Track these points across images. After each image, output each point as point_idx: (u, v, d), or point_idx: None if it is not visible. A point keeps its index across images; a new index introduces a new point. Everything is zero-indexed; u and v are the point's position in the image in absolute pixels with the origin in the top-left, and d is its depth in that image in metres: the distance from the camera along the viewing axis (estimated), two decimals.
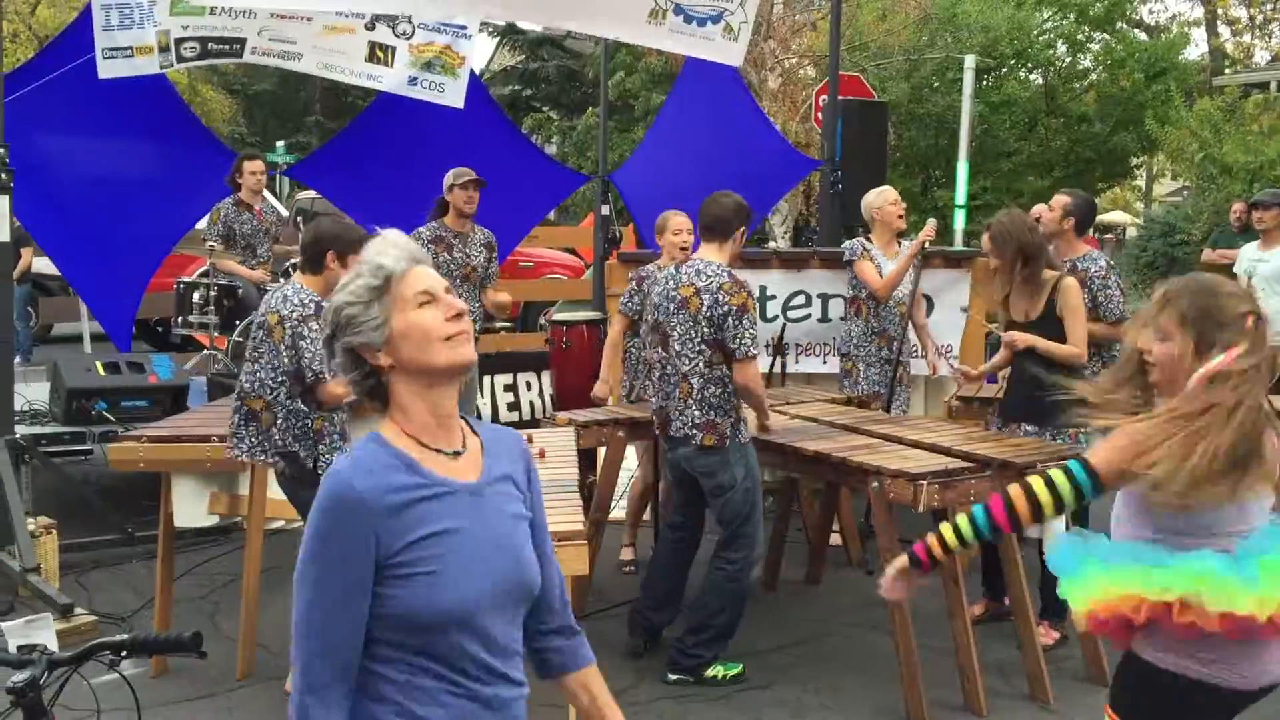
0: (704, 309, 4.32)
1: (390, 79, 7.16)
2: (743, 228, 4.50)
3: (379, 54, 7.23)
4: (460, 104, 7.23)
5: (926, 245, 5.85)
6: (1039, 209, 6.32)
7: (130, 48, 6.21)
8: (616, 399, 5.79)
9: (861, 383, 5.96)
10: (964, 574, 4.40)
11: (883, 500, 4.17)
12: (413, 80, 7.19)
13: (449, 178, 6.15)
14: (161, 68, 6.34)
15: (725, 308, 4.28)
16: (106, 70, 6.22)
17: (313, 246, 4.13)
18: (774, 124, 10.67)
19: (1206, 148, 11.95)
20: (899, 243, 6.04)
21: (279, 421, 4.07)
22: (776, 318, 6.73)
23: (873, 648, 4.87)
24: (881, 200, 6.01)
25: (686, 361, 4.39)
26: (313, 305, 4.01)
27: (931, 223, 5.95)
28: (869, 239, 6.02)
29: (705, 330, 4.34)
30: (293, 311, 4.01)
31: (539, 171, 8.69)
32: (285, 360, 4.02)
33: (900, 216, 6.00)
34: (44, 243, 7.23)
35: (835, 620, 5.26)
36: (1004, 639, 4.77)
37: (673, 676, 4.51)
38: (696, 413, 4.38)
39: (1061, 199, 5.49)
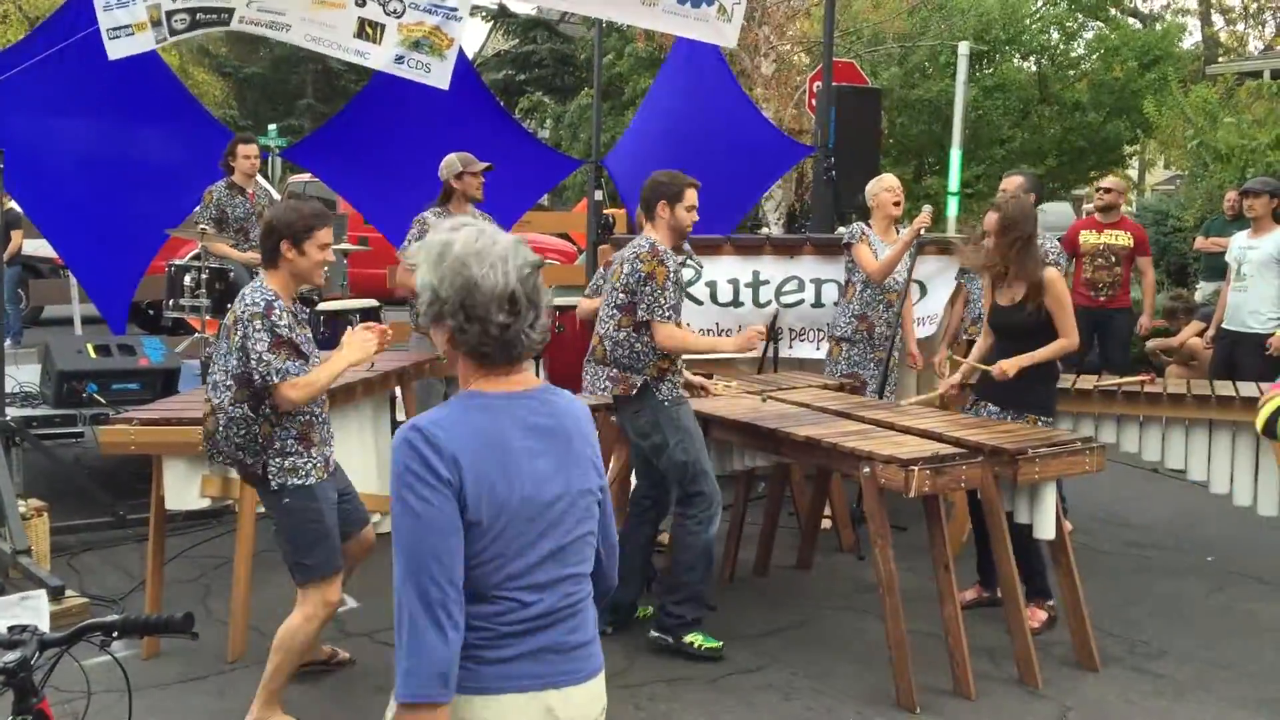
0: (623, 276, 4.58)
1: (377, 56, 7.11)
2: (662, 201, 4.62)
3: (368, 30, 7.17)
4: (445, 85, 7.20)
5: (922, 232, 5.90)
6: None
7: (130, 25, 6.16)
8: None
9: (841, 363, 6.08)
10: (954, 560, 4.42)
11: (874, 486, 4.18)
12: (399, 59, 7.13)
13: (456, 164, 6.12)
14: (157, 43, 6.28)
15: (637, 275, 4.53)
16: (115, 51, 6.16)
17: (267, 240, 3.82)
18: (761, 111, 10.64)
19: (1201, 133, 11.95)
20: (897, 229, 6.16)
21: (220, 429, 3.78)
22: (770, 303, 6.74)
23: (863, 632, 4.89)
24: (878, 187, 6.20)
25: (603, 325, 4.66)
26: (263, 304, 3.70)
27: (927, 209, 6.00)
28: (869, 224, 6.13)
29: (620, 296, 4.58)
30: (244, 311, 3.70)
31: (531, 157, 8.68)
32: (235, 362, 3.72)
33: (896, 204, 6.14)
34: (41, 224, 7.17)
35: (826, 605, 5.28)
36: (993, 624, 4.79)
37: (654, 633, 4.68)
38: (614, 371, 4.63)
39: (1018, 179, 5.68)
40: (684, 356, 4.81)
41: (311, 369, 3.78)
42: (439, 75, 7.23)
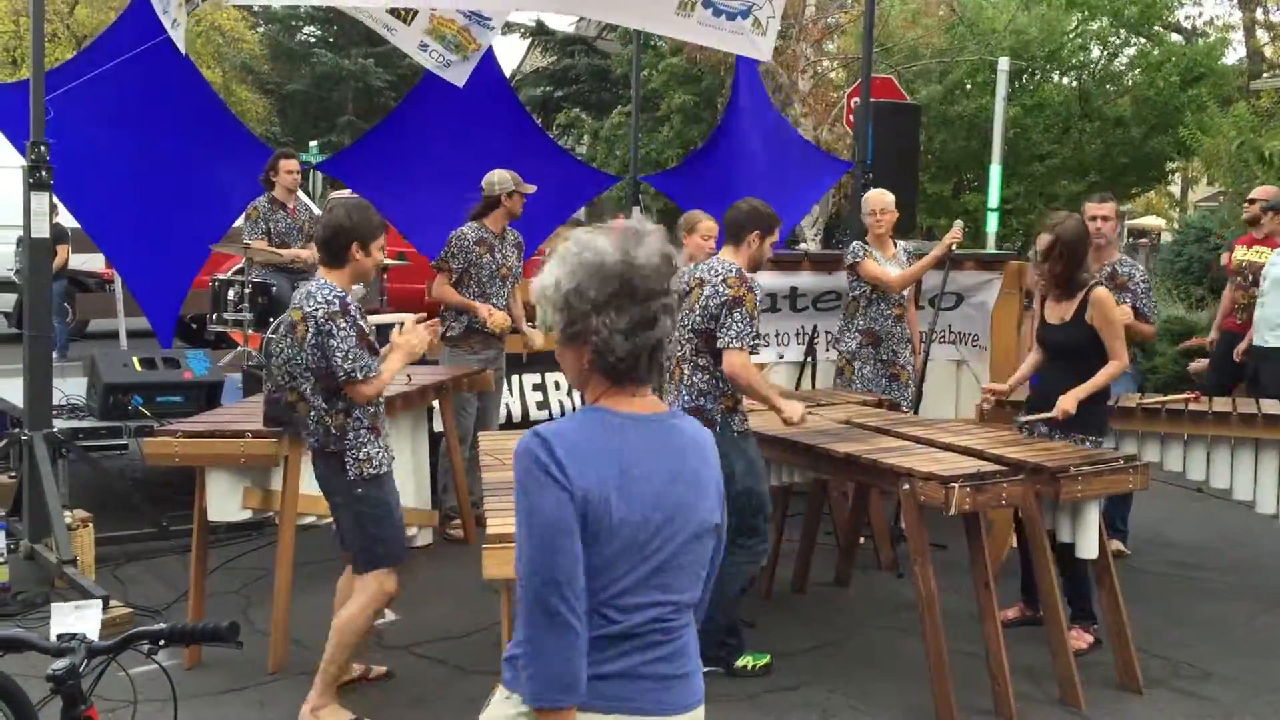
0: (703, 298, 4.43)
1: (403, 36, 7.27)
2: (757, 231, 4.54)
3: (401, 12, 7.30)
4: (460, 84, 7.34)
5: (953, 249, 5.88)
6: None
7: (174, 17, 6.30)
8: None
9: (856, 382, 6.07)
10: (995, 578, 4.38)
11: (914, 502, 4.15)
12: (424, 46, 7.27)
13: (509, 182, 6.13)
14: (190, 14, 6.41)
15: (722, 297, 4.38)
16: (180, 43, 6.35)
17: (335, 240, 3.91)
18: (799, 126, 10.67)
19: (1243, 135, 11.77)
20: (894, 244, 6.18)
21: (311, 415, 3.99)
22: (807, 309, 6.78)
23: (902, 650, 4.85)
24: (865, 206, 6.25)
25: (679, 347, 4.52)
26: (338, 302, 3.81)
27: (957, 225, 5.97)
28: (867, 241, 6.14)
29: (698, 319, 4.43)
30: (317, 309, 3.80)
31: (564, 172, 8.73)
32: (309, 358, 3.86)
33: (878, 223, 6.14)
34: (98, 240, 7.26)
35: (865, 622, 5.24)
36: (1035, 643, 4.74)
37: (705, 669, 4.53)
38: (686, 397, 4.49)
39: (1112, 206, 5.64)
40: None
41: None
42: (456, 73, 7.38)
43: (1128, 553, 6.20)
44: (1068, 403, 4.75)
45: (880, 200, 6.19)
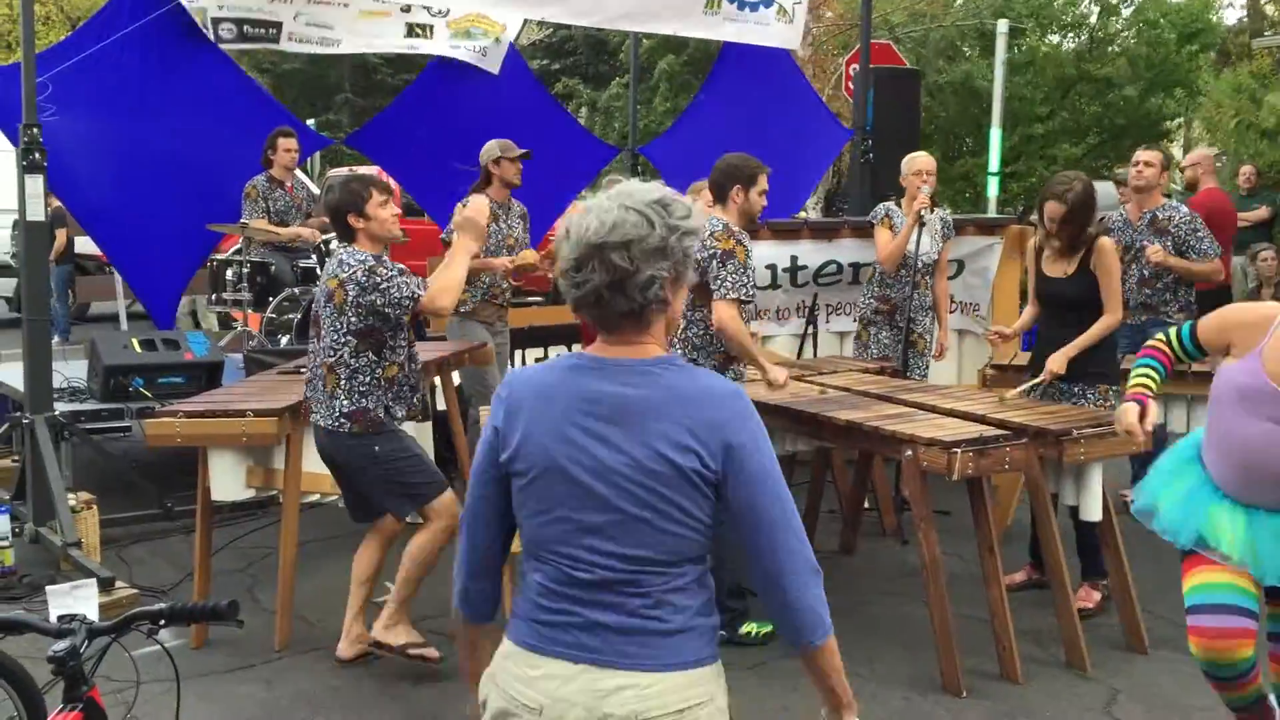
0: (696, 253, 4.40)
1: (431, 47, 7.30)
2: (737, 185, 4.54)
3: (417, 31, 7.33)
4: (495, 70, 7.30)
5: (922, 214, 5.80)
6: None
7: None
8: None
9: (872, 346, 6.05)
10: (999, 543, 4.38)
11: (916, 469, 4.14)
12: (454, 47, 7.32)
13: (495, 149, 6.08)
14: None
15: (710, 250, 4.42)
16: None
17: (335, 222, 4.16)
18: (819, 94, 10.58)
19: (1243, 114, 11.68)
20: (933, 208, 6.09)
21: (343, 382, 4.04)
22: (808, 284, 6.73)
23: (908, 617, 4.85)
24: (906, 168, 6.07)
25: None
26: (371, 259, 4.00)
27: (925, 190, 5.86)
28: (899, 203, 6.06)
29: (692, 275, 4.39)
30: (355, 270, 3.97)
31: (577, 144, 8.67)
32: (352, 320, 4.00)
33: (921, 186, 5.92)
34: (85, 222, 7.17)
35: (870, 590, 5.25)
36: (1041, 607, 4.74)
37: None
38: (679, 352, 4.50)
39: (1157, 154, 5.95)
40: None
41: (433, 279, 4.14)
42: (492, 60, 7.41)
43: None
44: (1056, 363, 4.75)
45: (907, 164, 6.09)
